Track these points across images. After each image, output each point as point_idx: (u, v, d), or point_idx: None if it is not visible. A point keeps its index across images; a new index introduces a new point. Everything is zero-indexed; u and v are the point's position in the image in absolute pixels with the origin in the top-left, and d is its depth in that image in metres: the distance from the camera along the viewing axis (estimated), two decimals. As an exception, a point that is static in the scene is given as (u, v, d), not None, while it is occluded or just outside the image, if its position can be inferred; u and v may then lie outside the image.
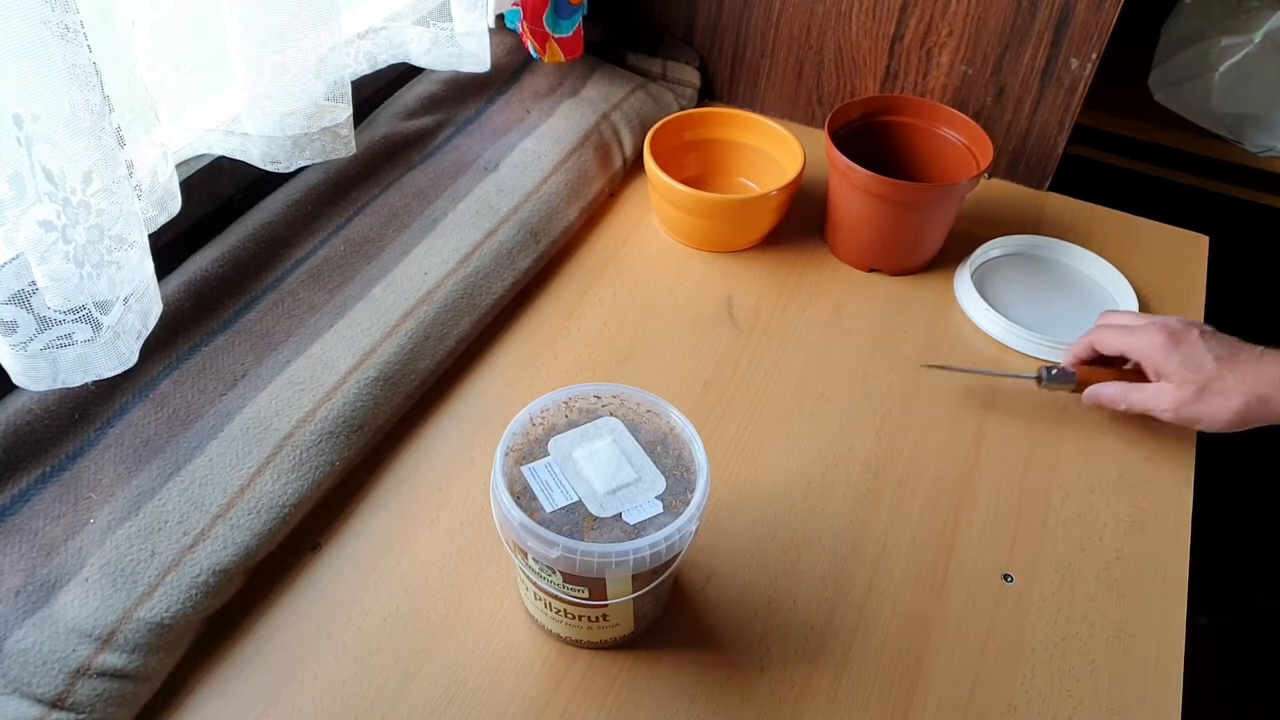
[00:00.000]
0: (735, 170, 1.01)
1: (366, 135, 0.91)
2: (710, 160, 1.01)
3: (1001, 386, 0.83)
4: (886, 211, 0.89)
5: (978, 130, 0.91)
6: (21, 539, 0.60)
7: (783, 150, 0.97)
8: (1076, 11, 0.94)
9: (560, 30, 1.02)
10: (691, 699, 0.61)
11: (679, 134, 0.98)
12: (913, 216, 0.89)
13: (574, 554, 0.54)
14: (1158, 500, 0.75)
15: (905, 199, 0.88)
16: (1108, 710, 0.62)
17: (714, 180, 1.01)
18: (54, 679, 0.54)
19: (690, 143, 0.99)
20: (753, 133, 0.99)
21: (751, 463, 0.75)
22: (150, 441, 0.66)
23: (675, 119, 0.98)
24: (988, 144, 0.90)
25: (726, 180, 1.02)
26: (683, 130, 0.98)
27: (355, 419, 0.71)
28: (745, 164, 1.01)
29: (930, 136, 0.95)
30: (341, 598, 0.64)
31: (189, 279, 0.74)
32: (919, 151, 0.97)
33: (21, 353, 0.59)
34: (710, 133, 1.00)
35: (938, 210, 0.90)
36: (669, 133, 0.97)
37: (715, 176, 1.01)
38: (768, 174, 0.98)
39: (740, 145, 1.00)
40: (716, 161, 1.01)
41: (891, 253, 0.93)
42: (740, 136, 1.00)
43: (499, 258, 0.85)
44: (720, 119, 1.00)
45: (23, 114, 0.52)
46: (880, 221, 0.90)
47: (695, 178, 0.99)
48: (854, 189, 0.89)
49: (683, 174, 0.93)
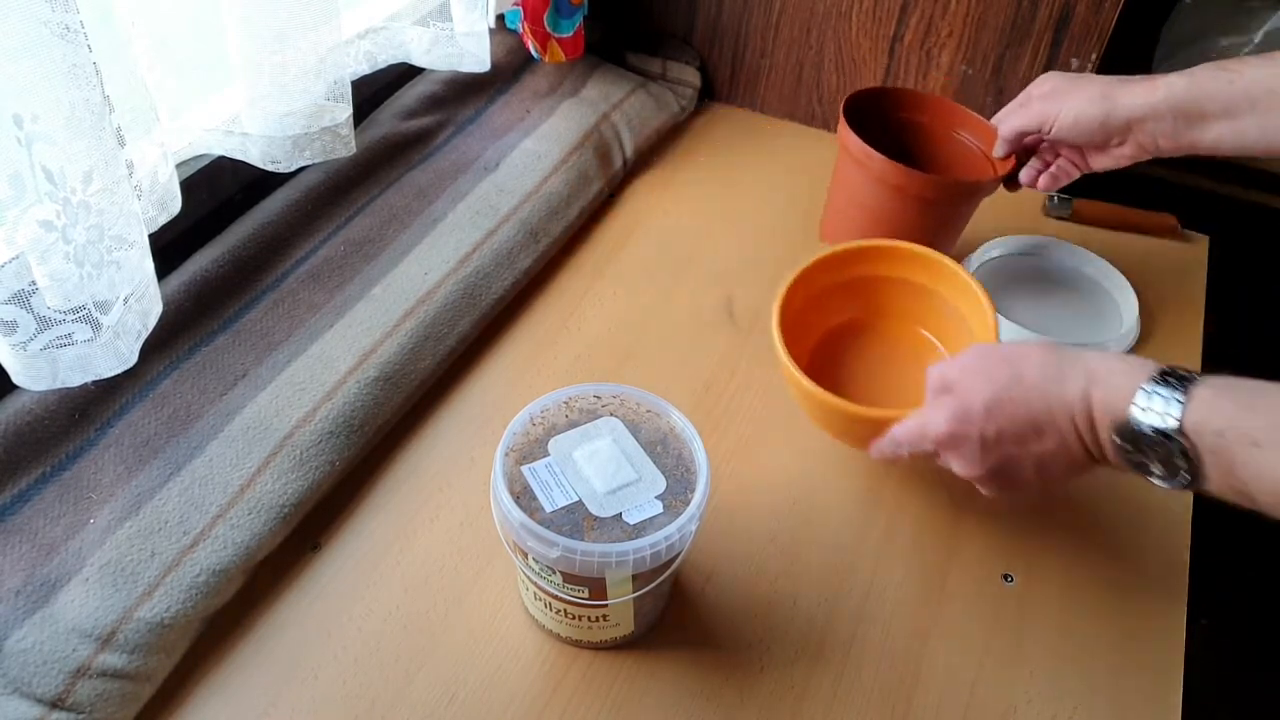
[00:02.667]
0: (901, 313, 0.78)
1: (366, 135, 0.91)
2: (873, 302, 0.78)
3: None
4: (902, 207, 0.83)
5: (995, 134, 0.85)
6: (21, 539, 0.60)
7: (965, 299, 0.73)
8: (1076, 11, 0.94)
9: (561, 30, 1.02)
10: (691, 699, 0.61)
11: (836, 271, 0.76)
12: (931, 213, 0.84)
13: (574, 554, 0.54)
14: (1158, 500, 0.74)
15: (925, 193, 0.82)
16: (1108, 710, 0.62)
17: (878, 330, 0.78)
18: (54, 679, 0.54)
19: (847, 282, 0.77)
20: (929, 273, 0.76)
21: (751, 463, 0.75)
22: (150, 441, 0.66)
23: (832, 256, 0.75)
24: (1011, 160, 0.85)
25: (894, 329, 0.78)
26: (841, 268, 0.76)
27: (355, 419, 0.71)
28: (916, 307, 0.77)
29: (944, 139, 0.90)
30: (341, 598, 0.64)
31: (189, 279, 0.74)
32: (931, 153, 0.91)
33: (21, 353, 0.59)
34: (874, 269, 0.77)
35: (955, 210, 0.86)
36: (823, 271, 0.75)
37: (880, 323, 0.78)
38: (949, 327, 0.76)
39: (911, 285, 0.77)
40: (881, 304, 0.78)
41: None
42: (912, 275, 0.76)
43: (499, 257, 0.85)
44: (889, 255, 0.76)
45: (23, 114, 0.52)
46: (894, 216, 0.83)
47: (850, 324, 0.78)
48: (869, 179, 0.83)
49: (832, 320, 0.77)
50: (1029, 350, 0.58)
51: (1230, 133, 0.69)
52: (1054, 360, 0.57)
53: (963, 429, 0.58)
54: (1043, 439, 0.56)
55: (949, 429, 0.59)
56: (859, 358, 0.77)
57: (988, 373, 0.58)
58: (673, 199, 1.01)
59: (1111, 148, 0.76)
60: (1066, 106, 0.75)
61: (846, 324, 0.77)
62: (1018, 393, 0.57)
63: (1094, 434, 0.54)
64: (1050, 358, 0.57)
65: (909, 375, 0.73)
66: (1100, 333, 0.87)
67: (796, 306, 0.72)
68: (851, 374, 0.69)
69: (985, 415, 0.57)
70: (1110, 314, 0.90)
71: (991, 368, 0.59)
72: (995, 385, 0.57)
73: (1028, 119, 0.79)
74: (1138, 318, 0.87)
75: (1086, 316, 0.89)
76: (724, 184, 1.04)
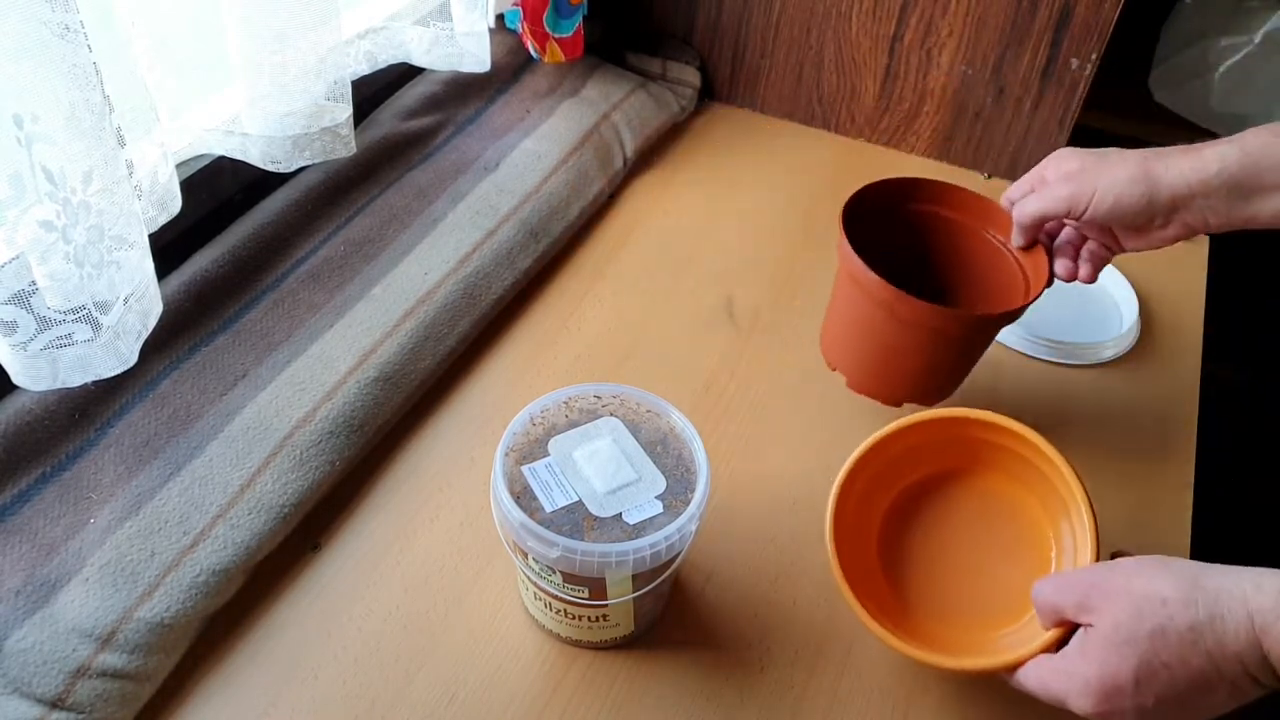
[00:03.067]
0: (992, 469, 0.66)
1: (366, 135, 0.91)
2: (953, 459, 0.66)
3: (1002, 388, 0.83)
4: (912, 339, 0.68)
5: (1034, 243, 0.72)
6: (21, 539, 0.60)
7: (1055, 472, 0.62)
8: (1076, 11, 0.94)
9: (560, 30, 1.02)
10: (691, 699, 0.61)
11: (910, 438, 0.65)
12: (950, 348, 0.70)
13: (574, 554, 0.54)
14: (1158, 500, 0.74)
15: (943, 327, 0.68)
16: (1108, 710, 0.62)
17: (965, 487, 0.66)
18: (54, 679, 0.54)
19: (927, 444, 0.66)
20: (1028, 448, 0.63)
21: (751, 463, 0.75)
22: (150, 441, 0.66)
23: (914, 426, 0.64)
24: (1043, 260, 0.70)
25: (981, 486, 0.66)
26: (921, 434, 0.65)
27: (355, 419, 0.71)
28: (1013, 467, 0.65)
29: (974, 239, 0.75)
30: (341, 598, 0.64)
31: (189, 279, 0.74)
32: (957, 257, 0.76)
33: (21, 353, 0.59)
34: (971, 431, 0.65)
35: (980, 340, 0.72)
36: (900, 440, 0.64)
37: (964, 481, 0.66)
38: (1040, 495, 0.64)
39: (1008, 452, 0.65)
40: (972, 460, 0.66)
41: (921, 381, 0.72)
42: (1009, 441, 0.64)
43: (499, 258, 0.85)
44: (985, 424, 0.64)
45: (23, 114, 0.52)
46: (904, 349, 0.70)
47: (926, 481, 0.66)
48: (871, 303, 0.69)
49: (905, 480, 0.66)
50: (1161, 585, 0.50)
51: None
52: (1196, 600, 0.49)
53: (1113, 705, 0.50)
54: (1212, 694, 0.49)
55: (1097, 708, 0.51)
56: (943, 522, 0.65)
57: (1124, 629, 0.50)
58: (673, 199, 1.01)
59: (1154, 230, 0.65)
60: (1103, 187, 0.64)
61: (931, 476, 0.66)
62: (1167, 652, 0.48)
63: (1275, 676, 0.48)
64: (1191, 597, 0.49)
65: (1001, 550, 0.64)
66: (1100, 333, 0.87)
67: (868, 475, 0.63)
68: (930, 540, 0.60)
69: (1137, 688, 0.49)
70: (1110, 314, 0.90)
71: (1125, 620, 0.50)
72: (1139, 648, 0.49)
73: (1052, 203, 0.67)
74: (1138, 318, 0.87)
75: (1087, 317, 0.89)
76: (724, 184, 1.04)
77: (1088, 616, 0.52)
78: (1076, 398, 0.82)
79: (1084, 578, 0.54)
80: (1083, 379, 0.84)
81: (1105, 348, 0.86)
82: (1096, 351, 0.85)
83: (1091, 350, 0.85)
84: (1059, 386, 0.83)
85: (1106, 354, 0.86)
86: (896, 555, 0.61)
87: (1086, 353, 0.85)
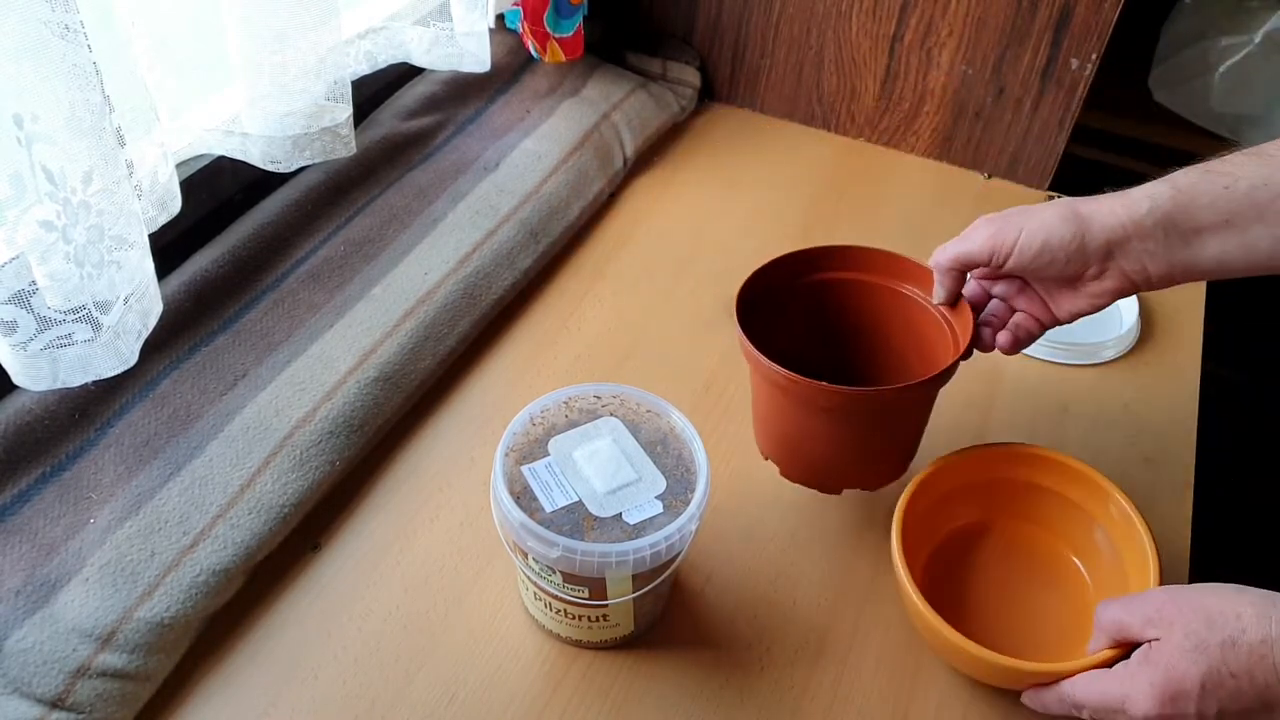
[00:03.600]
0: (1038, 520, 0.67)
1: (366, 135, 0.91)
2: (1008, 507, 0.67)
3: (1001, 390, 0.83)
4: (828, 424, 0.63)
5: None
6: (21, 539, 0.60)
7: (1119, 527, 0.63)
8: (1076, 11, 0.94)
9: (560, 30, 1.02)
10: (691, 699, 0.61)
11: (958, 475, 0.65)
12: (875, 425, 0.65)
13: (574, 554, 0.54)
14: (1158, 500, 0.74)
15: (852, 407, 0.62)
16: (1108, 710, 0.62)
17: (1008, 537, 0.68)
18: (54, 679, 0.54)
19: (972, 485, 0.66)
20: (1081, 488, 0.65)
21: (751, 463, 0.75)
22: (150, 441, 0.66)
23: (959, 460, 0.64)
24: (968, 313, 0.64)
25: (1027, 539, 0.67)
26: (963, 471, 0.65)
27: (355, 419, 0.71)
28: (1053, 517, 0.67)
29: (889, 298, 0.70)
30: (341, 598, 0.64)
31: (189, 279, 0.74)
32: (876, 320, 0.71)
33: (21, 353, 0.59)
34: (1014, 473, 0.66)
35: (907, 413, 0.66)
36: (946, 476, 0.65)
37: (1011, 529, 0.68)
38: (1095, 554, 0.65)
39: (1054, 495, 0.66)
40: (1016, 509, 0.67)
41: (853, 465, 0.67)
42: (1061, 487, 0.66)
43: (499, 258, 0.85)
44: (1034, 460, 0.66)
45: (23, 114, 0.52)
46: (822, 434, 0.64)
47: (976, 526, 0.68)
48: (776, 391, 0.63)
49: (952, 524, 0.67)
50: (1236, 603, 0.50)
51: (1236, 247, 0.56)
52: (1271, 618, 0.49)
53: (1175, 709, 0.49)
54: (1273, 713, 0.48)
55: (1159, 711, 0.50)
56: (982, 567, 0.66)
57: (1195, 636, 0.49)
58: (673, 199, 1.01)
59: (1087, 280, 0.60)
60: (1030, 228, 0.59)
61: (972, 526, 0.67)
62: (1236, 663, 0.48)
63: None
64: (1266, 614, 0.49)
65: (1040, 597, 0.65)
66: (1100, 333, 0.87)
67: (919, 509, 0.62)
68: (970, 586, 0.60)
69: (1202, 694, 0.49)
70: (1110, 314, 0.90)
71: (1198, 629, 0.50)
72: (1208, 655, 0.49)
73: (971, 245, 0.61)
74: (1138, 318, 0.87)
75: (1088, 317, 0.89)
76: (724, 184, 1.04)
77: (1155, 631, 0.52)
78: (1076, 398, 0.82)
79: (1156, 595, 0.54)
80: (1083, 379, 0.84)
81: (1106, 347, 0.86)
82: (1097, 351, 0.85)
83: (1092, 350, 0.85)
84: (1059, 386, 0.83)
85: (1107, 354, 0.86)
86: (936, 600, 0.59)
87: (1087, 352, 0.85)
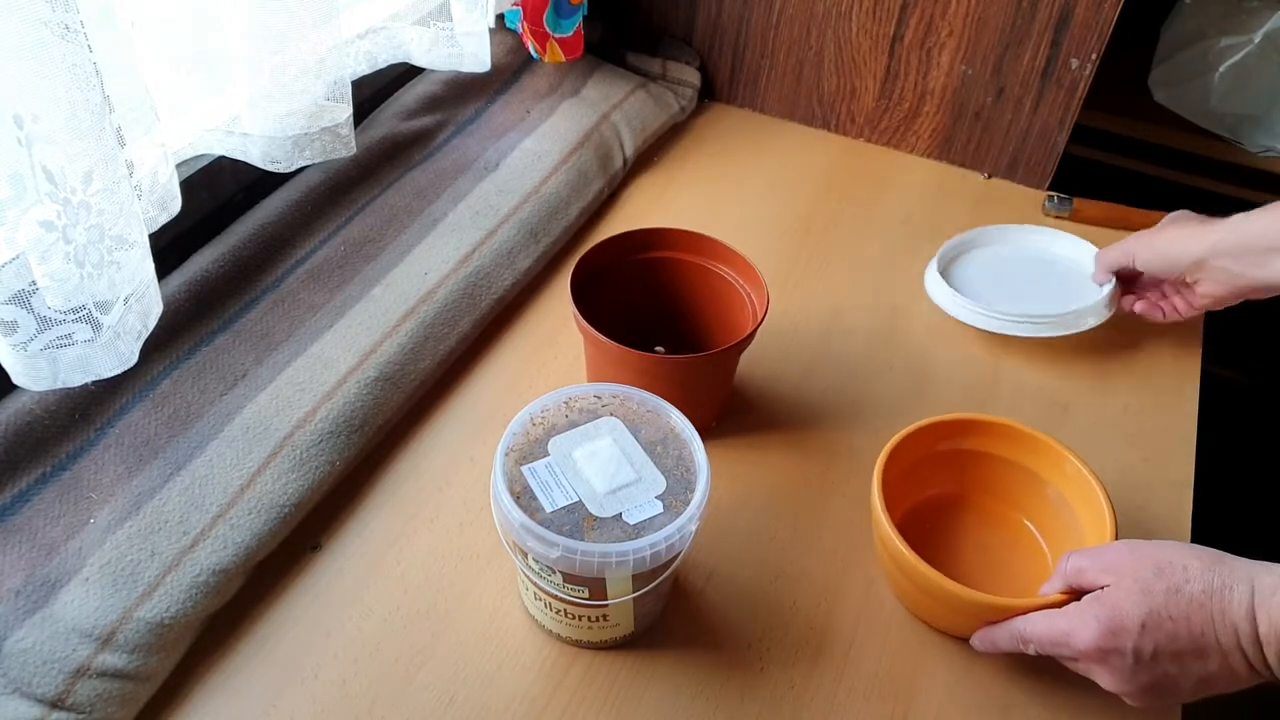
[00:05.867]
0: (1000, 495, 0.71)
1: (366, 135, 0.91)
2: (971, 478, 0.71)
3: (1000, 391, 0.83)
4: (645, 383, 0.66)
5: (748, 266, 0.76)
6: (21, 539, 0.60)
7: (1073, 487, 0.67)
8: (1076, 11, 0.94)
9: (560, 30, 1.02)
10: (691, 699, 0.61)
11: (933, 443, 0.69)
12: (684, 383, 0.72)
13: (574, 554, 0.54)
14: (1158, 500, 0.74)
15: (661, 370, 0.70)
16: (1108, 710, 0.62)
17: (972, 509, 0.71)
18: (54, 679, 0.54)
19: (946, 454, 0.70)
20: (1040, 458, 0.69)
21: (751, 462, 0.75)
22: (150, 441, 0.66)
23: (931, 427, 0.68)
24: (759, 282, 0.74)
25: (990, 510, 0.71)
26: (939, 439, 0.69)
27: (355, 419, 0.71)
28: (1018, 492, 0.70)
29: (703, 275, 0.79)
30: (341, 597, 0.64)
31: (189, 279, 0.74)
32: (692, 293, 0.80)
33: (22, 353, 0.59)
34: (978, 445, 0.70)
35: (713, 375, 0.74)
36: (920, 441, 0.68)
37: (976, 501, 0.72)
38: (1053, 520, 0.69)
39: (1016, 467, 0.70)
40: (980, 481, 0.71)
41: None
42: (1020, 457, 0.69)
43: (499, 258, 0.85)
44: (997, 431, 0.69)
45: (23, 114, 0.52)
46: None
47: (942, 498, 0.71)
48: (606, 358, 0.72)
49: (924, 492, 0.71)
50: (1186, 556, 0.54)
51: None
52: (1215, 571, 0.52)
53: (1115, 644, 0.53)
54: (1205, 659, 0.52)
55: (1099, 643, 0.54)
56: (946, 536, 0.70)
57: (1143, 582, 0.54)
58: (673, 199, 1.01)
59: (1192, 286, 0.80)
60: (1159, 240, 0.80)
61: (937, 498, 0.71)
62: (1176, 608, 0.52)
63: (1262, 656, 0.50)
64: (1210, 568, 0.53)
65: (1001, 562, 0.69)
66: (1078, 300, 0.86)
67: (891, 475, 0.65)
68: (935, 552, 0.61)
69: (1141, 631, 0.53)
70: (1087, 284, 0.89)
71: (1147, 576, 0.54)
72: (1151, 598, 0.53)
73: (1120, 253, 0.83)
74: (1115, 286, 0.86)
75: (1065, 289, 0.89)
76: (724, 184, 1.04)
77: (1109, 578, 0.55)
78: (1077, 398, 0.82)
79: (1117, 546, 0.58)
80: (1083, 379, 0.84)
81: (1087, 315, 0.84)
82: (1080, 319, 0.84)
83: (1075, 318, 0.84)
84: (1059, 386, 0.83)
85: (1089, 321, 0.84)
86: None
87: (1070, 321, 0.84)
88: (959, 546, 0.69)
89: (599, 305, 0.71)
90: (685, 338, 0.81)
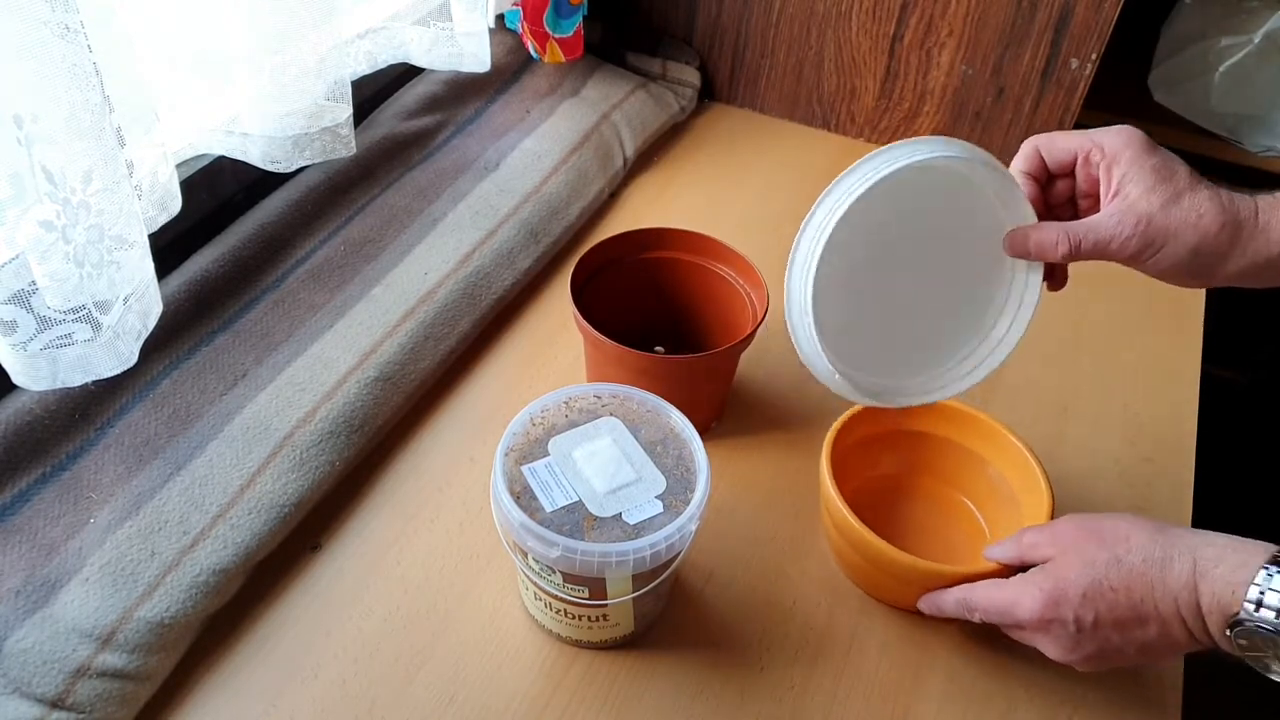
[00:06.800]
0: (946, 477, 0.72)
1: (366, 135, 0.91)
2: (913, 460, 0.73)
3: (999, 390, 0.83)
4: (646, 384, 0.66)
5: (748, 266, 0.76)
6: (21, 539, 0.60)
7: (1014, 467, 0.68)
8: (1076, 11, 0.94)
9: (560, 30, 1.02)
10: (691, 699, 0.61)
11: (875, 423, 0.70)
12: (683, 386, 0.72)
13: (574, 554, 0.54)
14: (1158, 500, 0.74)
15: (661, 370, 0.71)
16: (1108, 707, 0.62)
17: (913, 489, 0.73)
18: (54, 679, 0.54)
19: (890, 434, 0.72)
20: (981, 438, 0.70)
21: (751, 463, 0.75)
22: (150, 441, 0.66)
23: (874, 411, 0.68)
24: (759, 282, 0.75)
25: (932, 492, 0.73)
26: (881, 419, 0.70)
27: (355, 419, 0.71)
28: (961, 474, 0.72)
29: (703, 275, 0.79)
30: (341, 598, 0.64)
31: (189, 279, 0.74)
32: (691, 292, 0.80)
33: (21, 352, 0.59)
34: (921, 425, 0.72)
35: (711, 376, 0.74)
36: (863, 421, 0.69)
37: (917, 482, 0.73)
38: (994, 501, 0.70)
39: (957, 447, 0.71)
40: (922, 462, 0.73)
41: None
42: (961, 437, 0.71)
43: (499, 258, 0.85)
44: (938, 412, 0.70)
45: (23, 114, 0.52)
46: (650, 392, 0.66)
47: (885, 479, 0.73)
48: (606, 358, 0.72)
49: (871, 471, 0.72)
50: (1129, 529, 0.55)
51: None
52: (1157, 542, 0.53)
53: (1057, 613, 0.54)
54: (1145, 627, 0.53)
55: (1041, 613, 0.55)
56: (890, 514, 0.71)
57: (1085, 553, 0.55)
58: (673, 199, 1.01)
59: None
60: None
61: (880, 479, 0.72)
62: (1117, 578, 0.53)
63: (1203, 627, 0.51)
64: (1153, 539, 0.54)
65: (943, 540, 0.70)
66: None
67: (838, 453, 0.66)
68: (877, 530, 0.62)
69: (1082, 601, 0.54)
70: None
71: (1089, 548, 0.55)
72: (1093, 569, 0.54)
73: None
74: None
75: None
76: (724, 184, 1.04)
77: (1054, 549, 0.57)
78: (1077, 398, 0.82)
79: (1065, 520, 0.59)
80: (1083, 379, 0.84)
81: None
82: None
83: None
84: (1059, 385, 0.83)
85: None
86: None
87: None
88: (901, 525, 0.71)
89: (599, 305, 0.72)
90: (685, 338, 0.81)
